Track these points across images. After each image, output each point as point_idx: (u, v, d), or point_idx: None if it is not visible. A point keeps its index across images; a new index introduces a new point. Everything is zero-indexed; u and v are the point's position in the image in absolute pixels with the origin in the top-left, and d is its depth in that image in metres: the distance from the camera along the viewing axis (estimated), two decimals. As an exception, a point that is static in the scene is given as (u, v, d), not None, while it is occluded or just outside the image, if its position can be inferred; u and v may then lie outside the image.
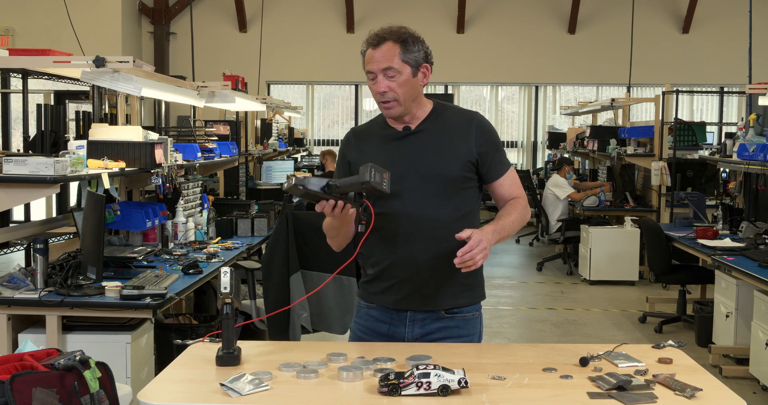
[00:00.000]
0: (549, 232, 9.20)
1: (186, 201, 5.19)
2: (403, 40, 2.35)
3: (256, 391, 1.94)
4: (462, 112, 2.51)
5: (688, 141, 8.12)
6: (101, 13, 11.61)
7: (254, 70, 10.36)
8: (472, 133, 2.43)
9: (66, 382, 2.12)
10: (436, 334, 2.45)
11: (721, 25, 12.90)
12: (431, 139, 2.42)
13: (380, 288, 2.45)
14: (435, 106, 2.48)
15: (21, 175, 3.38)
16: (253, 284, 4.65)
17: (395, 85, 2.35)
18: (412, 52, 2.36)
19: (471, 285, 2.47)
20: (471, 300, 2.49)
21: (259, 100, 7.61)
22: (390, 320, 2.47)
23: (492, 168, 2.45)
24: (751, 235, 5.65)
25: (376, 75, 2.36)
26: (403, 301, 2.43)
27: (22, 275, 3.54)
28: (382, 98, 2.37)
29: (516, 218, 2.42)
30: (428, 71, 2.42)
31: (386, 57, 2.33)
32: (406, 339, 2.45)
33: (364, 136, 2.52)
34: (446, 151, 2.40)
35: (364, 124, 2.60)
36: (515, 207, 2.45)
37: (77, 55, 3.91)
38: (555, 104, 13.84)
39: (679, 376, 2.04)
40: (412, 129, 2.44)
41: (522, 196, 2.51)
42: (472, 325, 2.50)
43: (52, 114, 5.09)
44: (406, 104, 2.39)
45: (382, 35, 2.36)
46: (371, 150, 2.46)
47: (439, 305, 2.43)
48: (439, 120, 2.45)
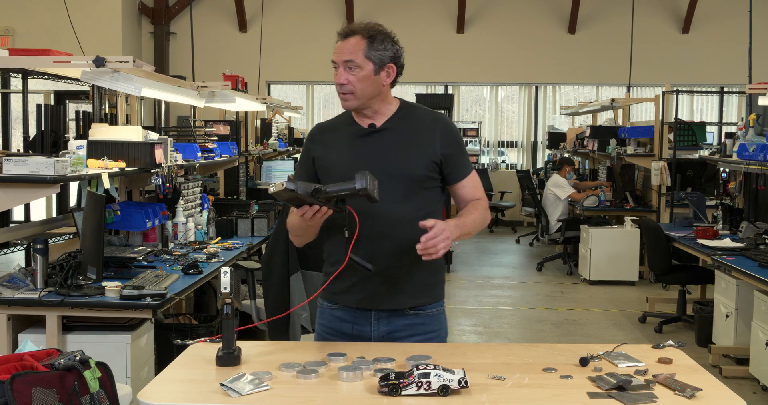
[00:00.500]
0: (549, 232, 9.20)
1: (186, 201, 5.19)
2: (371, 36, 2.37)
3: (256, 391, 1.94)
4: (427, 112, 2.53)
5: (688, 141, 8.12)
6: (101, 13, 11.61)
7: (254, 70, 10.36)
8: (437, 134, 2.44)
9: (66, 382, 2.12)
10: (403, 331, 2.46)
11: (721, 25, 12.90)
12: (396, 138, 2.43)
13: (342, 287, 2.44)
14: (401, 105, 2.50)
15: (21, 175, 3.38)
16: (253, 284, 4.65)
17: (354, 79, 2.37)
18: (378, 50, 2.38)
19: (433, 284, 2.50)
20: (432, 298, 2.51)
21: (259, 100, 7.61)
22: (354, 319, 2.47)
23: (456, 169, 2.48)
24: (751, 235, 5.65)
25: (339, 65, 2.38)
26: (366, 300, 2.43)
27: (22, 275, 3.54)
28: (341, 89, 2.40)
29: (477, 218, 2.44)
30: (393, 72, 2.43)
31: (350, 50, 2.36)
32: (372, 337, 2.45)
33: (329, 132, 2.53)
34: (411, 151, 2.42)
35: (330, 120, 2.61)
36: (477, 207, 2.47)
37: (77, 55, 3.91)
38: (555, 104, 13.84)
39: (679, 376, 2.05)
40: (377, 127, 2.45)
41: (484, 199, 2.53)
42: (437, 321, 2.52)
43: (52, 114, 5.09)
44: (363, 100, 2.40)
45: (353, 28, 2.39)
46: (336, 146, 2.46)
47: (402, 304, 2.44)
48: (405, 119, 2.47)
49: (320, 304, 2.56)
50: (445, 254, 2.30)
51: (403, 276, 2.40)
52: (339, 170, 2.41)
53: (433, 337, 2.49)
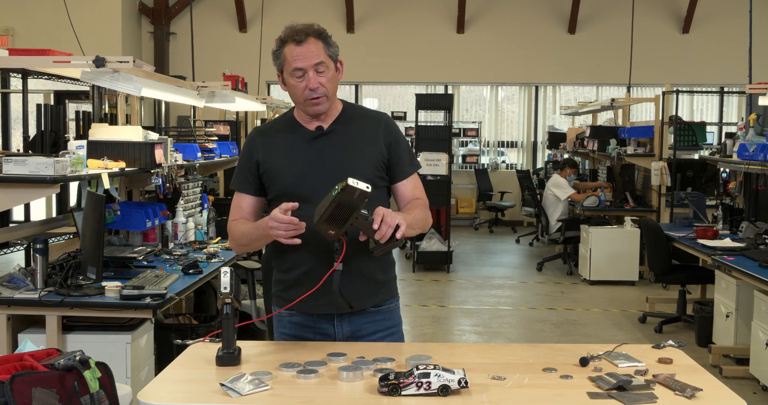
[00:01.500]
0: (549, 232, 9.20)
1: (186, 201, 5.19)
2: (324, 36, 2.37)
3: (256, 391, 1.94)
4: (369, 112, 2.53)
5: (688, 141, 8.12)
6: (101, 13, 11.61)
7: (254, 70, 10.34)
8: (381, 134, 2.44)
9: (66, 382, 2.12)
10: (365, 329, 2.46)
11: (721, 25, 12.90)
12: (343, 140, 2.41)
13: (299, 294, 2.35)
14: (345, 105, 2.50)
15: (21, 175, 3.38)
16: (253, 284, 4.65)
17: (325, 81, 2.35)
18: (333, 47, 2.39)
19: (386, 281, 2.50)
20: (389, 295, 2.52)
21: (259, 100, 7.61)
22: (315, 324, 2.45)
23: (399, 168, 2.47)
24: (751, 235, 5.65)
25: (306, 71, 2.33)
26: (326, 306, 2.39)
27: (22, 275, 3.54)
28: (314, 94, 2.35)
29: (420, 216, 2.40)
30: (342, 66, 2.45)
31: (315, 53, 2.33)
32: (336, 339, 2.45)
33: (271, 136, 2.47)
34: (359, 152, 2.40)
35: (269, 123, 2.57)
36: (418, 207, 2.44)
37: (77, 55, 3.91)
38: (555, 104, 13.84)
39: (679, 376, 2.04)
40: (324, 128, 2.42)
41: (425, 199, 2.50)
42: (396, 315, 2.55)
43: (52, 114, 5.09)
44: (332, 99, 2.41)
45: (305, 31, 2.34)
46: (282, 150, 2.42)
47: (359, 306, 2.42)
48: (350, 120, 2.45)
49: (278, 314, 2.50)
50: (447, 256, 2.28)
51: (358, 277, 2.38)
52: (289, 175, 2.39)
53: (395, 332, 2.52)
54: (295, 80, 2.35)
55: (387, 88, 14.23)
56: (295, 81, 2.35)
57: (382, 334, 2.48)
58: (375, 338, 2.46)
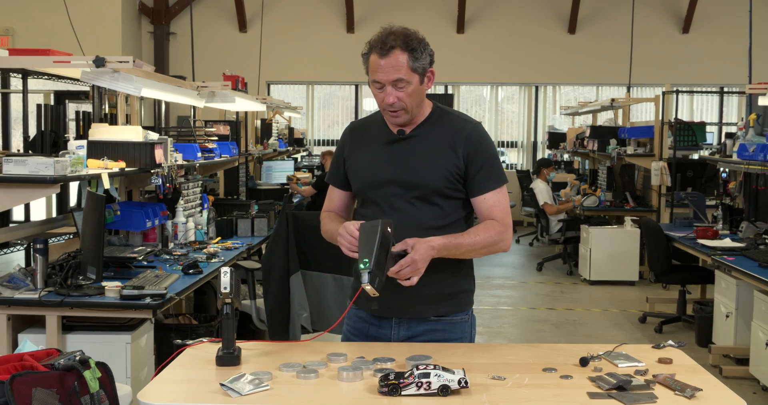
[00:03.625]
0: (550, 233, 9.20)
1: (186, 201, 5.19)
2: (412, 48, 2.27)
3: (256, 391, 1.94)
4: (459, 120, 2.43)
5: (688, 141, 8.12)
6: (101, 13, 11.60)
7: (254, 70, 10.36)
8: (461, 143, 2.35)
9: (66, 382, 2.12)
10: (423, 336, 2.43)
11: (721, 25, 12.90)
12: (421, 147, 2.37)
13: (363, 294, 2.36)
14: (433, 109, 2.43)
15: (21, 175, 3.38)
16: (253, 284, 4.64)
17: (404, 95, 2.29)
18: (420, 60, 2.29)
19: (453, 294, 2.43)
20: (454, 309, 2.44)
21: (259, 100, 7.61)
22: (375, 321, 2.47)
23: (475, 183, 2.37)
24: (751, 235, 5.65)
25: (384, 85, 2.29)
26: (383, 309, 2.38)
27: (22, 275, 3.54)
28: (391, 108, 2.31)
29: (481, 240, 2.32)
30: (433, 75, 2.36)
31: (396, 68, 2.25)
32: (391, 341, 2.44)
33: (360, 132, 2.50)
34: (432, 160, 2.35)
35: (364, 119, 2.57)
36: (488, 229, 2.34)
37: (77, 55, 3.91)
38: (555, 104, 13.84)
39: (679, 376, 2.04)
40: (406, 133, 2.39)
41: (503, 222, 2.36)
42: (460, 329, 2.46)
43: (52, 114, 5.08)
44: (413, 112, 2.35)
45: (390, 43, 2.25)
46: (365, 149, 2.45)
47: (420, 313, 2.40)
48: (434, 126, 2.40)
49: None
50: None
51: (421, 286, 2.25)
52: (364, 175, 2.42)
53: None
54: (375, 90, 2.34)
55: (387, 88, 14.21)
56: (375, 90, 2.34)
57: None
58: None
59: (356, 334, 2.51)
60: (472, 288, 2.50)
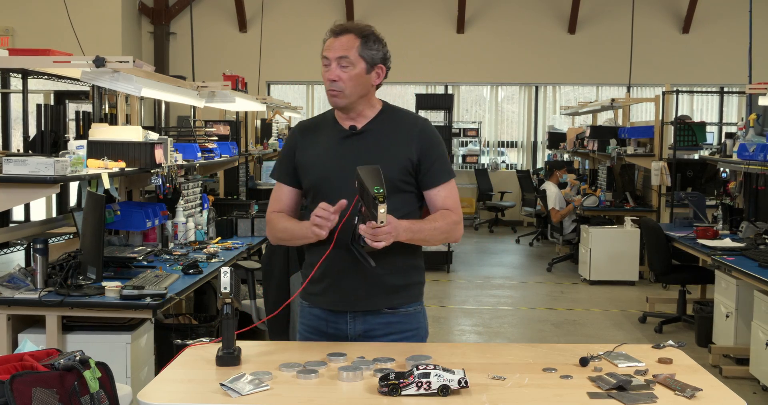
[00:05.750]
0: (564, 233, 9.15)
1: (186, 201, 5.19)
2: (365, 35, 2.40)
3: (256, 391, 1.94)
4: (409, 116, 2.53)
5: (688, 141, 8.12)
6: (101, 13, 11.61)
7: (254, 70, 10.36)
8: (415, 139, 2.45)
9: (66, 382, 2.12)
10: (379, 329, 2.46)
11: (721, 25, 12.90)
12: (374, 142, 2.44)
13: (317, 290, 2.46)
14: (384, 107, 2.52)
15: (21, 175, 3.38)
16: (253, 284, 4.64)
17: (346, 76, 2.38)
18: (371, 50, 2.41)
19: (407, 286, 2.49)
20: (407, 300, 2.50)
21: (259, 100, 7.61)
22: (330, 318, 2.49)
23: (429, 175, 2.46)
24: (751, 235, 5.65)
25: (331, 62, 2.38)
26: (339, 303, 2.44)
27: (22, 275, 3.54)
28: (331, 86, 2.40)
29: (439, 227, 2.40)
30: (382, 73, 2.46)
31: (344, 47, 2.37)
32: (348, 336, 2.46)
33: (311, 130, 2.54)
34: (387, 155, 2.41)
35: (314, 118, 2.62)
36: (444, 217, 2.44)
37: (77, 55, 3.91)
38: (555, 104, 13.84)
39: (679, 376, 2.04)
40: (358, 129, 2.45)
41: (454, 211, 2.48)
42: (415, 319, 2.52)
43: (52, 114, 5.08)
44: (352, 98, 2.42)
45: (347, 27, 2.40)
46: (316, 145, 2.48)
47: (374, 305, 2.44)
48: (385, 122, 2.48)
49: (300, 304, 2.59)
50: (447, 256, 2.30)
51: (375, 278, 2.38)
52: (318, 171, 2.44)
53: (411, 336, 2.50)
54: (323, 68, 2.42)
55: (387, 88, 14.22)
56: (323, 69, 2.42)
57: (396, 337, 2.46)
58: (389, 340, 2.45)
59: (313, 333, 2.52)
60: (422, 280, 2.57)
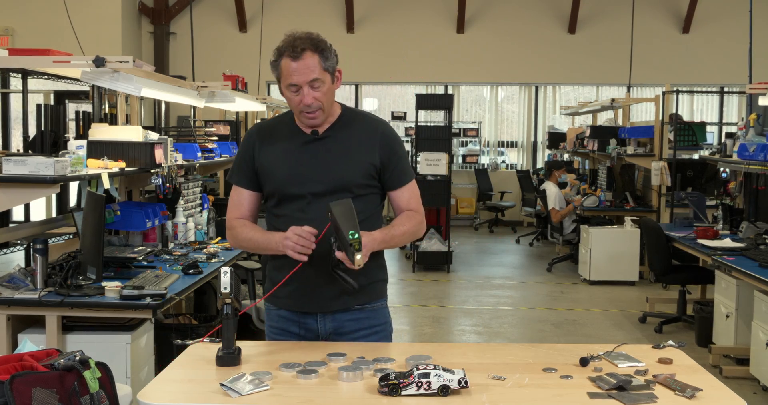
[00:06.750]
0: (564, 233, 9.16)
1: (186, 201, 5.19)
2: (321, 49, 2.37)
3: (256, 391, 1.94)
4: (369, 119, 2.54)
5: (688, 141, 8.12)
6: (101, 13, 11.61)
7: (254, 70, 10.32)
8: (377, 142, 2.47)
9: (66, 383, 2.12)
10: (349, 326, 2.50)
11: (721, 25, 12.90)
12: (336, 146, 2.45)
13: (284, 292, 2.47)
14: (343, 111, 2.52)
15: (21, 175, 3.38)
16: (253, 284, 4.64)
17: (320, 95, 2.38)
18: (330, 60, 2.39)
19: (371, 284, 2.52)
20: (372, 297, 2.54)
21: (259, 100, 7.61)
22: (299, 319, 2.51)
23: (393, 177, 2.50)
24: (752, 235, 5.65)
25: (301, 87, 2.36)
26: (306, 305, 2.47)
27: (22, 275, 3.54)
28: (308, 109, 2.38)
29: (408, 230, 2.48)
30: (340, 75, 2.46)
31: (310, 69, 2.34)
32: (320, 335, 2.49)
33: (270, 134, 2.53)
34: (349, 158, 2.44)
35: (270, 121, 2.62)
36: (410, 219, 2.51)
37: (77, 55, 3.91)
38: (555, 104, 13.84)
39: (679, 376, 2.04)
40: (319, 134, 2.46)
41: (419, 211, 2.55)
42: (382, 314, 2.57)
43: (52, 114, 5.09)
44: (328, 111, 2.43)
45: (301, 46, 2.35)
46: (277, 150, 2.47)
47: (343, 305, 2.47)
48: (346, 126, 2.49)
49: (266, 307, 2.60)
50: (447, 256, 2.32)
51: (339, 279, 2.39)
52: (280, 176, 2.44)
53: (380, 331, 2.54)
54: (291, 94, 2.39)
55: (387, 88, 14.23)
56: (291, 94, 2.40)
57: (365, 332, 2.51)
58: (358, 336, 2.50)
59: (281, 334, 2.54)
60: (386, 278, 2.62)
